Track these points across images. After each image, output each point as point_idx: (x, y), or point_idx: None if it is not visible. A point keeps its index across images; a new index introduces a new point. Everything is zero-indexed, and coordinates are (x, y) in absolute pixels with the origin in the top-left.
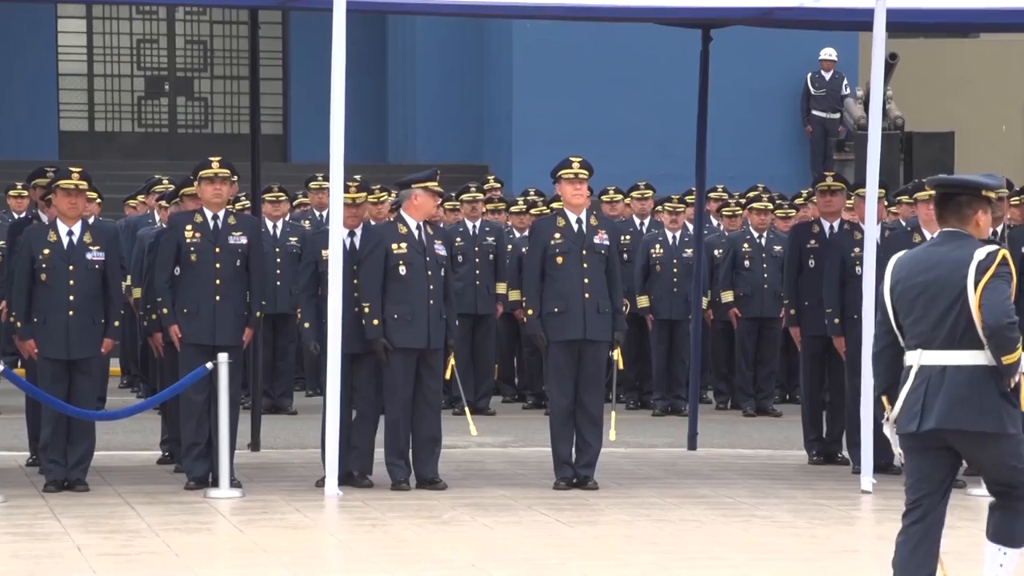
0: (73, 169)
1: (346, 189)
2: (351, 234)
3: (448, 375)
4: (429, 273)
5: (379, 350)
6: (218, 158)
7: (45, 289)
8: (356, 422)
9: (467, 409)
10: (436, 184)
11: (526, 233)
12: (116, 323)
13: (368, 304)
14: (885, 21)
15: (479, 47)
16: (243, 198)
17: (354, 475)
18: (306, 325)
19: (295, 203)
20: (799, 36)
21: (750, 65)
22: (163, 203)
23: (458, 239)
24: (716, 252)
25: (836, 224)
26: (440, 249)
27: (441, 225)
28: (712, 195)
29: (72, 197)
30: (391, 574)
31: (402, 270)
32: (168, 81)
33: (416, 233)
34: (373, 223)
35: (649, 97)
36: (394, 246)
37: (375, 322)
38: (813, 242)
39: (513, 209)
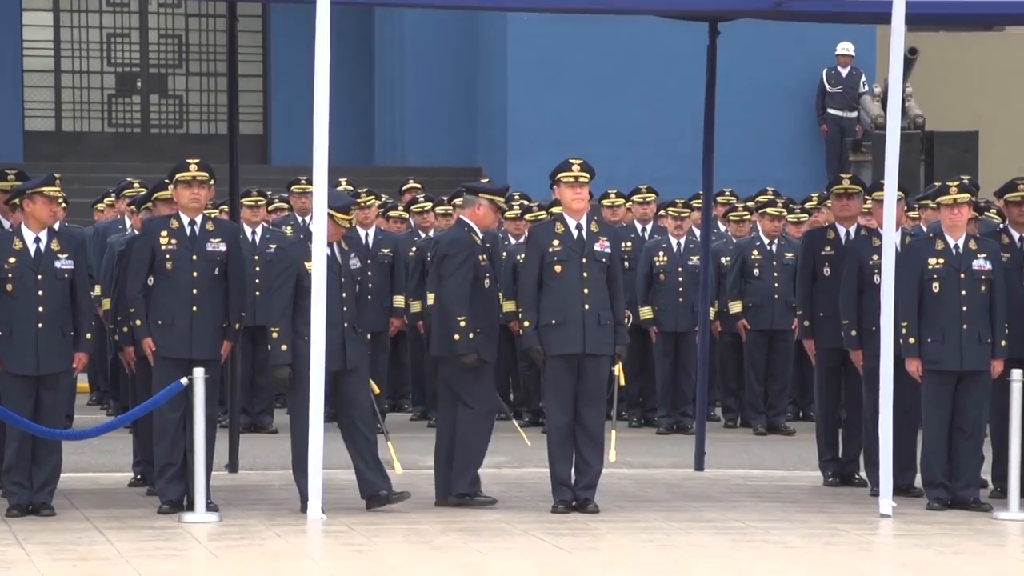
0: (56, 176)
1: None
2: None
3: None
4: (497, 284)
5: (468, 362)
6: (196, 160)
7: (11, 300)
8: (465, 434)
9: (516, 422)
10: (503, 200)
11: (522, 240)
12: (88, 335)
13: (464, 317)
14: (904, 13)
15: (472, 41)
16: (214, 208)
17: (467, 496)
18: (283, 348)
19: (272, 207)
20: (813, 30)
21: (760, 61)
22: (134, 208)
23: None
24: (724, 260)
25: (852, 230)
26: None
27: (432, 232)
28: (719, 199)
29: (53, 205)
30: None
31: (486, 283)
32: (140, 78)
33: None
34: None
35: (653, 95)
36: (482, 257)
37: (467, 336)
38: (828, 249)
39: (508, 214)
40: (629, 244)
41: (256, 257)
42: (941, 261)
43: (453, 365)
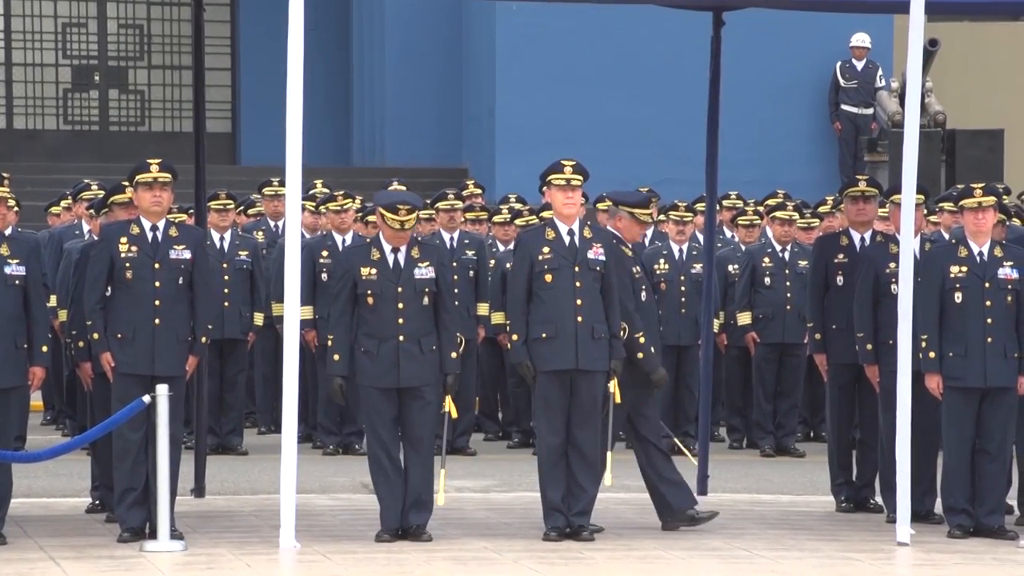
0: (6, 176)
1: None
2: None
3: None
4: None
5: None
6: (158, 160)
7: None
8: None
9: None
10: (648, 214)
11: (511, 247)
12: (44, 348)
13: (642, 333)
14: (924, 2)
15: (457, 32)
16: (177, 210)
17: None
18: (336, 358)
19: (250, 211)
20: (826, 20)
21: (769, 53)
22: (92, 212)
23: None
24: (731, 268)
25: (868, 235)
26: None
27: (419, 238)
28: (725, 202)
29: (3, 208)
30: None
31: (643, 296)
32: (98, 71)
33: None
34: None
35: (653, 90)
36: (635, 270)
37: (650, 352)
38: (841, 256)
39: (496, 219)
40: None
41: (224, 265)
42: (964, 269)
43: (642, 389)
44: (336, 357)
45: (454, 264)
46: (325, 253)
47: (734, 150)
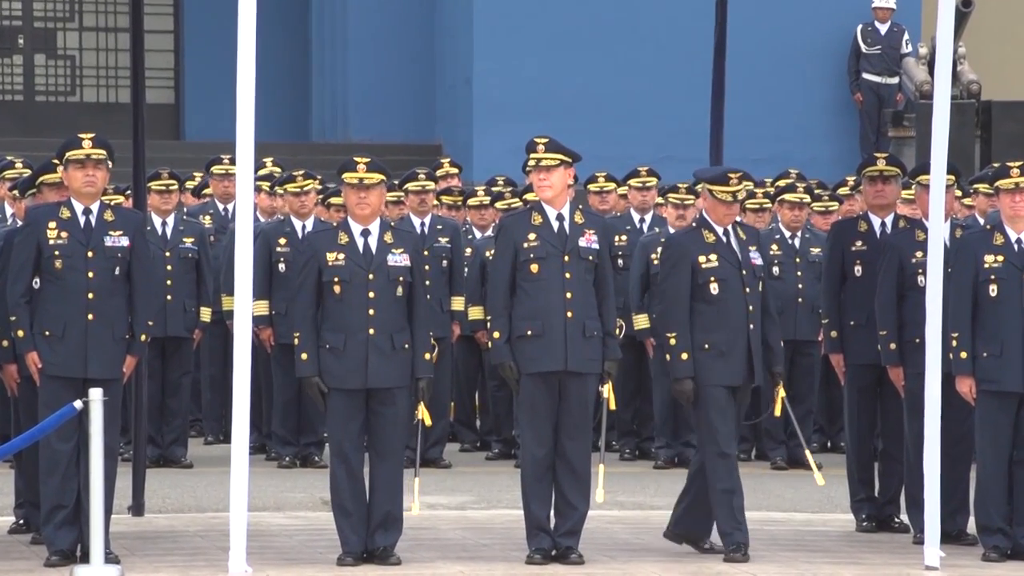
0: None
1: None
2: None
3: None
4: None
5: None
6: (90, 135)
7: None
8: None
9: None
10: (727, 192)
11: (489, 233)
12: None
13: (676, 335)
14: None
15: None
16: (113, 191)
17: None
18: (303, 357)
19: (202, 192)
20: None
21: (781, 15)
22: (16, 193)
23: None
24: (654, 257)
25: (889, 221)
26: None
27: (392, 223)
28: None
29: None
30: None
31: (713, 289)
32: (22, 34)
33: (724, 238)
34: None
35: (649, 58)
36: (702, 259)
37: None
38: (860, 243)
39: (471, 202)
40: (624, 238)
41: (167, 254)
42: (1000, 259)
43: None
44: (304, 356)
45: (425, 253)
46: (283, 240)
47: (741, 125)
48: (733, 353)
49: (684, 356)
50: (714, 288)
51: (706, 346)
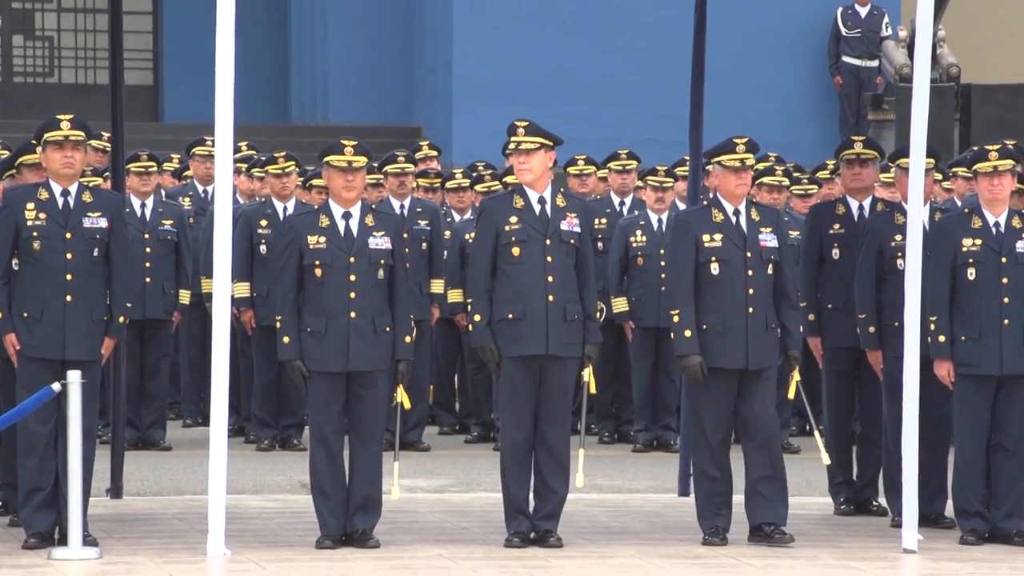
0: None
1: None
2: (346, 215)
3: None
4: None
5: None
6: (69, 116)
7: None
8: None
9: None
10: (735, 159)
11: (468, 216)
12: None
13: (679, 312)
14: None
15: None
16: (91, 172)
17: None
18: (285, 340)
19: (183, 174)
20: None
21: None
22: None
23: None
24: (633, 240)
25: (867, 204)
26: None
27: (373, 206)
28: (710, 167)
29: None
30: None
31: (713, 269)
32: (0, 15)
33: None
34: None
35: (631, 41)
36: (706, 238)
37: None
38: (838, 227)
39: (449, 184)
40: (604, 221)
41: (146, 236)
42: (978, 242)
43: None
44: (286, 339)
45: (405, 235)
46: (264, 222)
47: (721, 108)
48: (729, 335)
49: (687, 333)
50: (714, 268)
51: (705, 326)
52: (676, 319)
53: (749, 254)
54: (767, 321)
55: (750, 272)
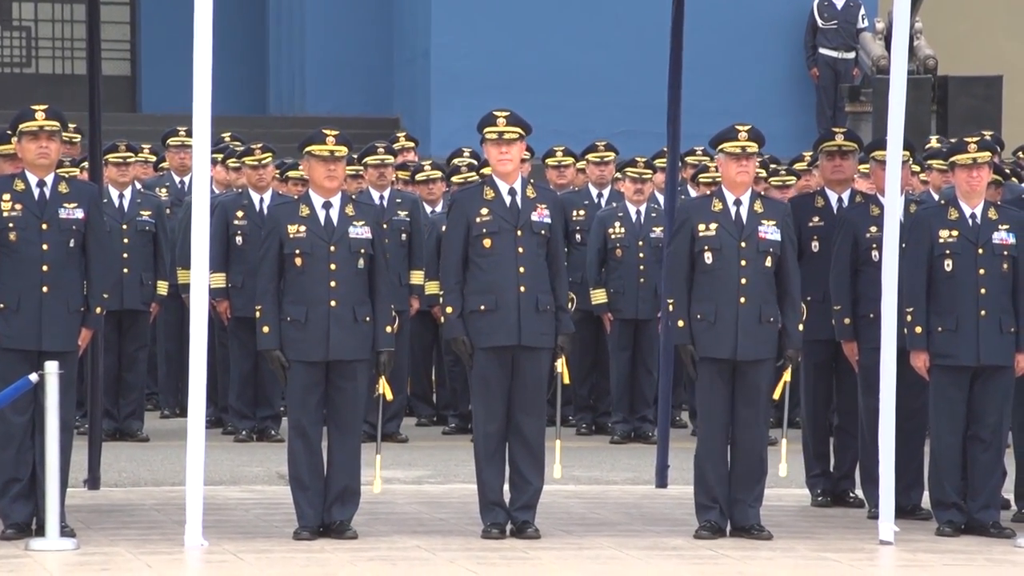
0: None
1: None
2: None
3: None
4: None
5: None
6: (44, 106)
7: None
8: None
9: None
10: (736, 146)
11: (439, 208)
12: None
13: (674, 301)
14: None
15: None
16: (69, 163)
17: None
18: (264, 330)
19: (159, 165)
20: None
21: None
22: None
23: None
24: (611, 231)
25: (846, 196)
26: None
27: (353, 196)
28: (689, 159)
29: None
30: None
31: (707, 258)
32: None
33: (733, 211)
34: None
35: (609, 32)
36: (701, 227)
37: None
38: (817, 219)
39: (419, 177)
40: (582, 213)
41: (124, 227)
42: (955, 234)
43: None
44: (266, 329)
45: (385, 226)
46: (240, 213)
47: (699, 99)
48: (718, 326)
49: (680, 323)
50: (708, 257)
51: (698, 316)
52: (671, 308)
53: (744, 244)
54: (762, 314)
55: (743, 262)
